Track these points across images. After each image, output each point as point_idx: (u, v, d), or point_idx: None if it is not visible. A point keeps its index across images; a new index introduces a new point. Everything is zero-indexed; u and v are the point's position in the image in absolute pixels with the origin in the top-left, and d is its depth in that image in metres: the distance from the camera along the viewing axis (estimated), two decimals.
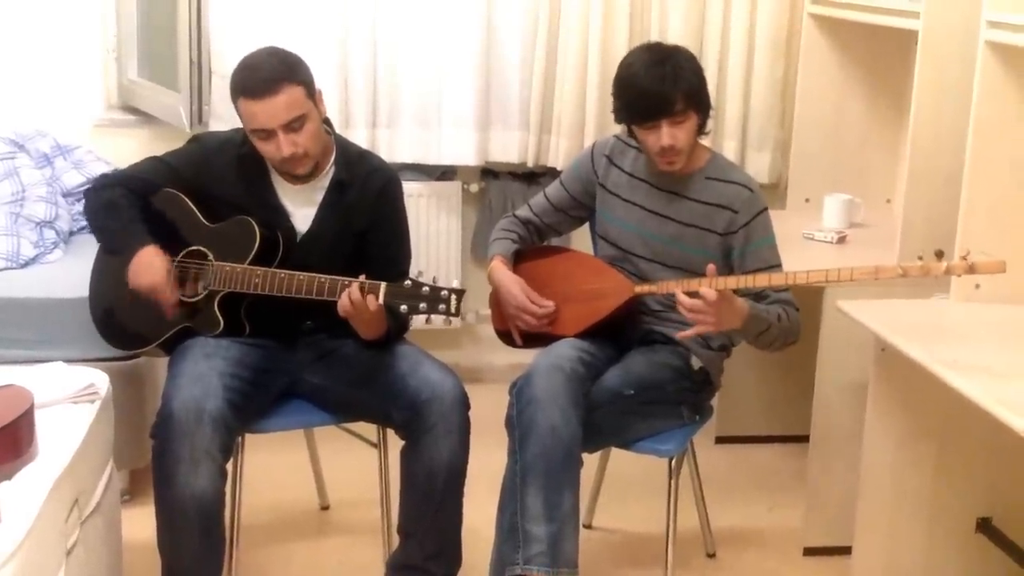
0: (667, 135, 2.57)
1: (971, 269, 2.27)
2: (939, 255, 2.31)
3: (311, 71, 2.61)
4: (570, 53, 3.82)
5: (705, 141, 2.78)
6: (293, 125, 2.52)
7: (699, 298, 2.41)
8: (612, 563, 3.07)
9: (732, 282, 2.50)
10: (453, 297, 2.41)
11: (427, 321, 2.48)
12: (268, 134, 2.53)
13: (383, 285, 2.45)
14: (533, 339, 2.79)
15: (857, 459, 2.77)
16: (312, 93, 2.57)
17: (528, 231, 2.92)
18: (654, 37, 3.83)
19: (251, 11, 3.72)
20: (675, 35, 3.77)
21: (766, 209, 2.69)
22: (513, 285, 2.77)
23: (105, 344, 2.83)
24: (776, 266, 2.66)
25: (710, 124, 2.69)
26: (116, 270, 2.74)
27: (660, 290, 2.67)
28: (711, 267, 2.47)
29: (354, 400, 2.69)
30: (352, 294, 2.45)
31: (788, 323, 2.61)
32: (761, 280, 2.50)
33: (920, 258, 2.32)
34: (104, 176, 2.82)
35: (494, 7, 3.84)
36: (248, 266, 2.59)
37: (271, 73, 2.51)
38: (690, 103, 2.57)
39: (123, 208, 2.66)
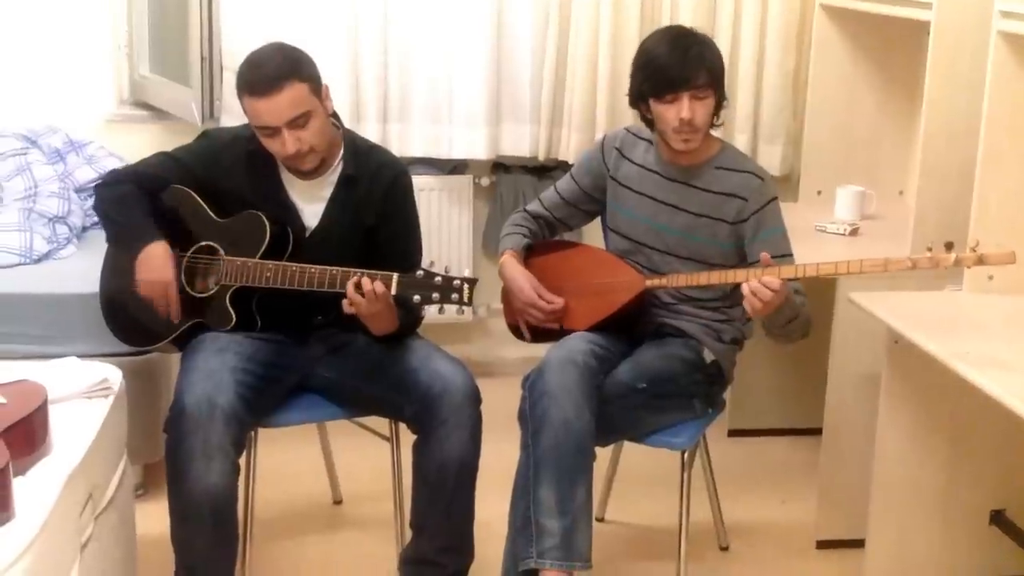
0: (687, 108, 2.56)
1: (981, 260, 2.26)
2: (949, 247, 2.30)
3: (317, 66, 2.60)
4: (580, 47, 3.82)
5: (716, 133, 2.78)
6: (298, 122, 2.52)
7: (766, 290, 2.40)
8: (625, 556, 3.07)
9: (742, 275, 2.49)
10: (466, 287, 2.41)
11: (440, 311, 2.48)
12: (273, 131, 2.53)
13: (395, 275, 2.45)
14: (542, 334, 2.79)
15: (870, 452, 2.76)
16: (318, 89, 2.56)
17: (539, 225, 2.92)
18: None
19: (262, 6, 3.72)
20: None
21: (776, 198, 2.69)
22: (523, 280, 2.76)
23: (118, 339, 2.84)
24: (788, 255, 2.65)
25: (722, 116, 2.69)
26: (127, 266, 2.74)
27: (671, 283, 2.67)
28: (765, 255, 2.45)
29: (366, 394, 2.70)
30: (363, 284, 2.45)
31: (807, 312, 2.61)
32: (770, 272, 2.49)
33: (929, 249, 2.31)
34: (114, 172, 2.82)
35: (505, 2, 3.83)
36: (259, 260, 2.59)
37: (275, 71, 2.51)
38: (712, 81, 2.58)
39: (133, 204, 2.66)
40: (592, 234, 3.30)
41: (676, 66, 2.56)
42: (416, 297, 2.42)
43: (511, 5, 3.84)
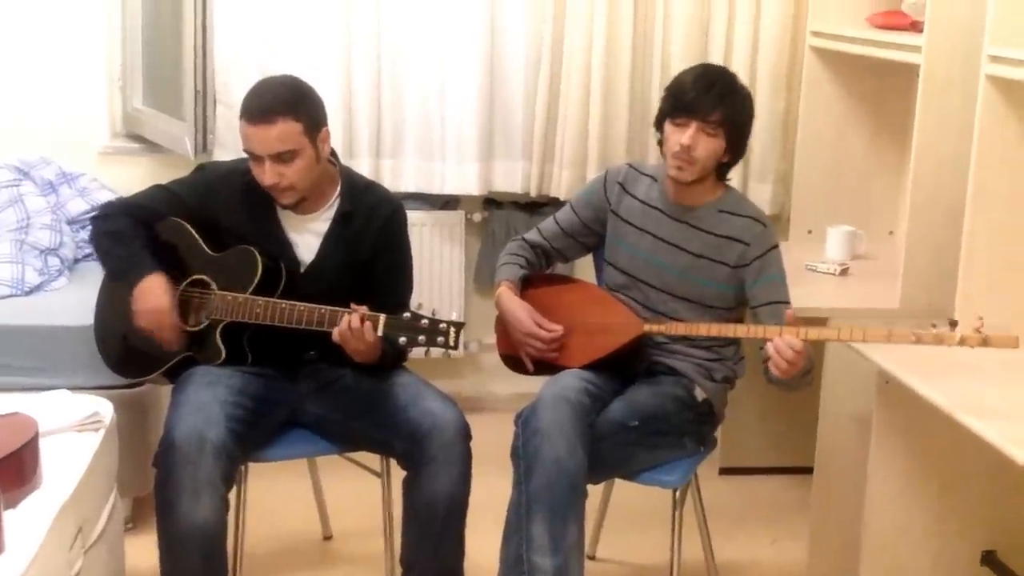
0: (690, 135, 2.59)
1: (985, 342, 2.25)
2: (953, 324, 2.29)
3: (322, 108, 2.63)
4: (573, 84, 3.84)
5: None
6: (283, 157, 2.54)
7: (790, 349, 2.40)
8: None
9: (743, 330, 2.51)
10: (452, 330, 2.42)
11: (426, 354, 2.49)
12: (257, 158, 2.56)
13: (382, 317, 2.46)
14: (542, 367, 2.78)
15: (861, 491, 2.76)
16: (313, 130, 2.57)
17: (536, 255, 2.92)
18: (655, 69, 3.86)
19: (256, 41, 3.74)
20: (677, 68, 3.75)
21: (777, 246, 2.70)
22: (520, 311, 2.76)
23: (109, 372, 2.83)
24: (785, 302, 2.66)
25: (732, 172, 2.72)
26: (121, 298, 2.74)
27: (669, 331, 2.67)
28: (790, 313, 2.46)
29: (355, 431, 2.69)
30: (352, 321, 2.46)
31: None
32: (772, 332, 2.49)
33: (934, 326, 2.31)
34: (109, 204, 2.83)
35: (497, 38, 3.86)
36: (250, 296, 2.60)
37: (272, 103, 2.53)
38: (726, 123, 2.60)
39: (128, 236, 2.67)
40: (584, 269, 3.31)
41: (695, 93, 2.59)
42: (402, 339, 2.44)
43: (504, 41, 3.87)
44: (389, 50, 3.83)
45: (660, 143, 2.72)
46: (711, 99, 2.59)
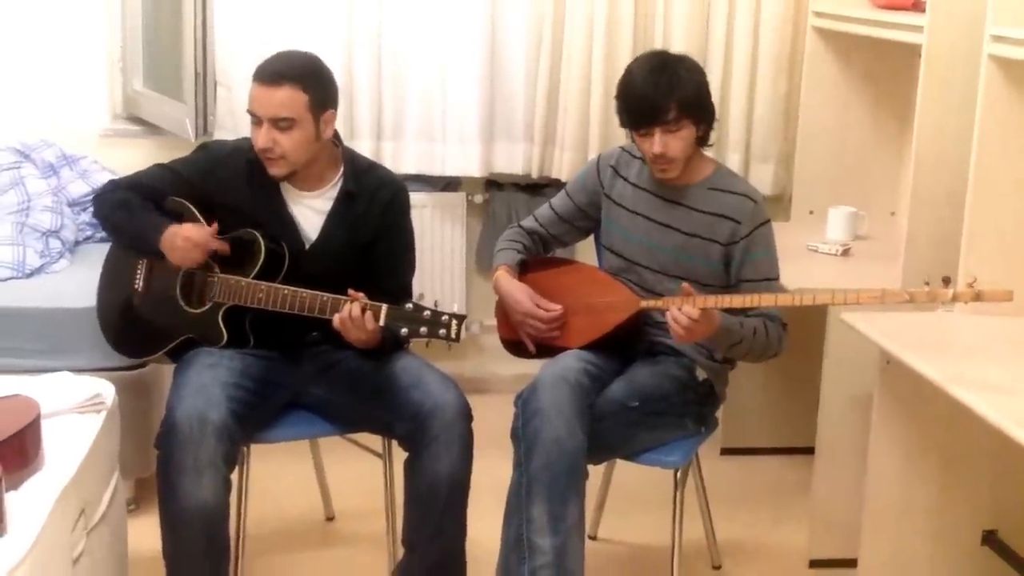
0: (659, 143, 2.58)
1: (978, 297, 2.25)
2: (946, 281, 2.30)
3: (334, 91, 2.65)
4: (574, 66, 3.83)
5: (709, 153, 2.79)
6: (280, 124, 2.55)
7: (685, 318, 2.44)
8: (617, 575, 3.06)
9: (738, 300, 2.51)
10: (454, 322, 2.43)
11: (427, 345, 2.50)
12: (257, 121, 2.57)
13: (384, 307, 2.46)
14: (543, 349, 2.78)
15: (862, 471, 2.76)
16: (318, 107, 2.58)
17: (533, 242, 2.92)
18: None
19: (257, 23, 3.73)
20: (679, 48, 3.73)
21: (768, 221, 2.69)
22: (519, 292, 2.77)
23: (111, 354, 2.84)
24: (773, 279, 2.66)
25: (713, 136, 2.70)
26: (124, 277, 2.75)
27: (666, 305, 2.67)
28: (686, 285, 2.48)
29: (357, 412, 2.70)
30: (352, 311, 2.46)
31: (765, 339, 2.61)
32: (767, 300, 2.49)
33: (927, 284, 2.32)
34: (112, 182, 2.83)
35: (499, 21, 3.85)
36: (252, 280, 2.59)
37: (284, 68, 2.56)
38: (685, 113, 2.57)
39: (136, 206, 2.68)
40: (585, 252, 3.31)
41: (646, 101, 2.56)
42: (404, 330, 2.44)
43: (505, 24, 3.86)
44: (390, 31, 3.82)
45: (632, 139, 2.71)
46: (661, 101, 2.54)
